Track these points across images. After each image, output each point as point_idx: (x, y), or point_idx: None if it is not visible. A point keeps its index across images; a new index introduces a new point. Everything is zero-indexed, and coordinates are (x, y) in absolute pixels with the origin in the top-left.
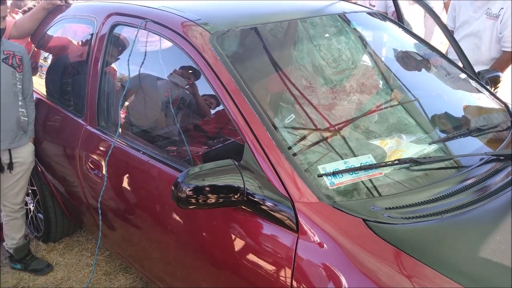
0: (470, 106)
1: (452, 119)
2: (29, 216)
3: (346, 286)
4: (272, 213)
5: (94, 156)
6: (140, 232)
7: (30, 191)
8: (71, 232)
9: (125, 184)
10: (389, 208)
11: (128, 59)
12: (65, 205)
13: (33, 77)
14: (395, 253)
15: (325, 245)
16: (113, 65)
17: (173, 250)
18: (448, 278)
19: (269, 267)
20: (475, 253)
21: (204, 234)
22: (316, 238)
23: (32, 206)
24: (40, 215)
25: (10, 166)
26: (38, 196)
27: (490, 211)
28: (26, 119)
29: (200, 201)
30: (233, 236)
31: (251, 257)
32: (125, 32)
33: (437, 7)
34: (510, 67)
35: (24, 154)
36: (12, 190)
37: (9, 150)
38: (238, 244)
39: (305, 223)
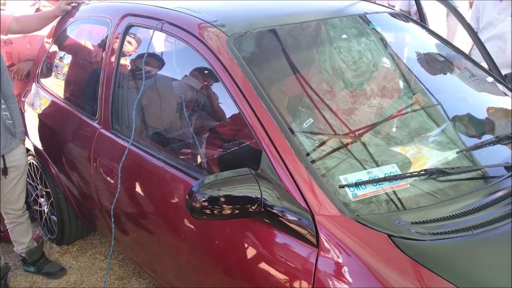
0: (497, 111)
1: (478, 125)
2: (43, 218)
3: None
4: (291, 225)
5: (108, 160)
6: (153, 238)
7: (44, 193)
8: (85, 234)
9: (138, 189)
10: (416, 223)
11: (143, 61)
12: (79, 208)
13: (49, 78)
14: (423, 272)
15: (347, 263)
16: (127, 67)
17: (186, 257)
18: None
19: (288, 282)
20: (509, 273)
21: (218, 242)
22: (338, 255)
23: (46, 208)
24: (53, 217)
25: (5, 171)
26: (52, 198)
27: None
28: (11, 121)
29: (215, 212)
30: (249, 246)
31: (268, 269)
32: (140, 33)
33: (463, 6)
34: None
35: (17, 157)
36: (12, 195)
37: (2, 155)
38: (254, 254)
39: (326, 238)
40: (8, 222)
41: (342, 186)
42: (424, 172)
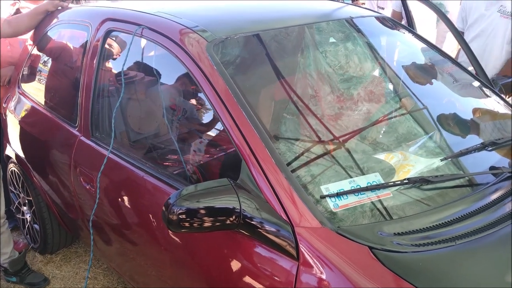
0: (483, 116)
1: (464, 130)
2: (26, 227)
3: None
4: (270, 237)
5: (88, 169)
6: (135, 249)
7: (26, 201)
8: (69, 243)
9: (119, 199)
10: (398, 234)
11: (123, 67)
12: (61, 217)
13: (29, 84)
14: (404, 286)
15: (328, 277)
16: (107, 73)
17: (168, 268)
18: None
19: None
20: (493, 285)
21: (200, 253)
22: (318, 268)
23: (29, 217)
24: (36, 226)
25: None
26: (34, 207)
27: (508, 236)
28: None
29: (193, 224)
30: (230, 258)
31: (250, 282)
32: (120, 39)
33: (454, 11)
34: None
35: None
36: None
37: None
38: (235, 266)
39: (306, 251)
40: None
41: (323, 197)
42: (407, 181)
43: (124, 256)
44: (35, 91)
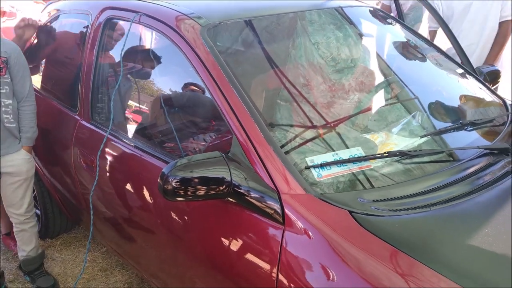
0: (466, 101)
1: (448, 114)
2: None
3: (332, 279)
4: (258, 204)
5: (88, 151)
6: (134, 229)
7: None
8: (69, 228)
9: (119, 180)
10: (377, 201)
11: (121, 53)
12: (62, 201)
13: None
14: (381, 245)
15: (311, 238)
16: (106, 59)
17: (165, 246)
18: (434, 271)
19: (256, 260)
20: (462, 246)
21: (194, 229)
22: (302, 230)
23: None
24: (37, 211)
25: None
26: (35, 192)
27: (480, 204)
28: (14, 125)
29: (187, 193)
30: (222, 230)
31: (239, 250)
32: (119, 26)
33: None
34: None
35: (13, 163)
36: (13, 200)
37: None
38: (227, 237)
39: (291, 215)
40: (14, 226)
41: (308, 167)
42: (387, 154)
43: (123, 236)
44: (36, 79)
